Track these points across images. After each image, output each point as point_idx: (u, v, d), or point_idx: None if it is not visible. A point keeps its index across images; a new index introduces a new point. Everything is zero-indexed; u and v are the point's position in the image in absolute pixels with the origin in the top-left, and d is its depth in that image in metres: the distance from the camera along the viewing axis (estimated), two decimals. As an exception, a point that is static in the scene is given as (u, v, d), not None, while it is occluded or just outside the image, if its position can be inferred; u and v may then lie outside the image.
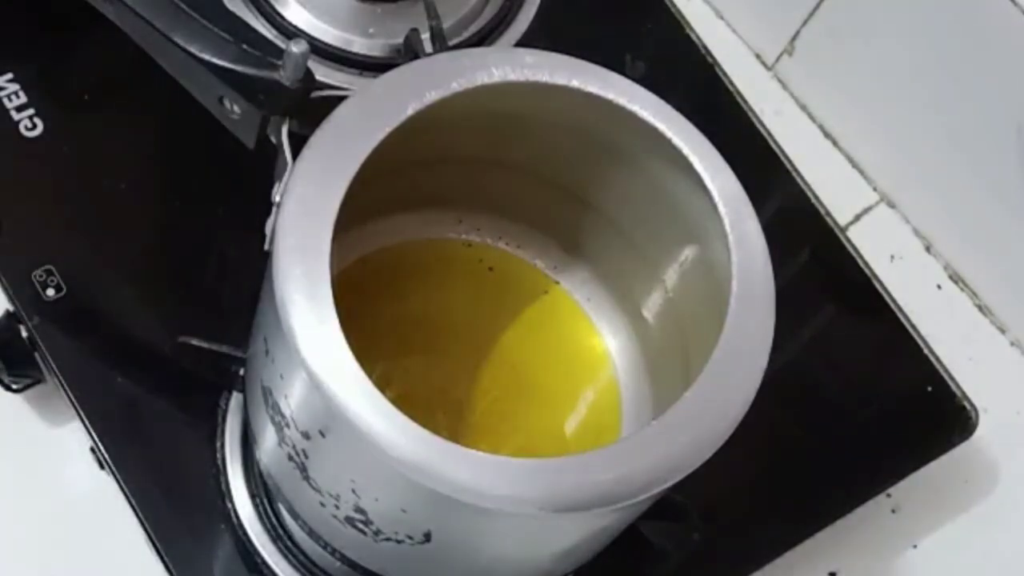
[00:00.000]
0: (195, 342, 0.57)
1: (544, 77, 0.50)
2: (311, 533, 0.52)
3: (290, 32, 0.62)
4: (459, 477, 0.41)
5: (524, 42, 0.66)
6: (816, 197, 0.70)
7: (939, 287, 0.74)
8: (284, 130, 0.51)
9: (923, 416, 0.66)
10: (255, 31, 0.53)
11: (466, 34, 0.65)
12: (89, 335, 0.59)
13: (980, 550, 0.67)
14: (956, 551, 0.67)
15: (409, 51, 0.61)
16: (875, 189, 0.75)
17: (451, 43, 0.63)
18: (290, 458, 0.47)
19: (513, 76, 0.49)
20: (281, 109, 0.51)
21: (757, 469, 0.62)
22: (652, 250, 0.56)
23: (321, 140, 0.47)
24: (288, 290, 0.43)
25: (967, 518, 0.68)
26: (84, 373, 0.58)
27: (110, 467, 0.57)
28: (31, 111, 0.62)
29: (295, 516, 0.52)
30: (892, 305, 0.68)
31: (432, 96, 0.48)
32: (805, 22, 0.74)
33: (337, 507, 0.47)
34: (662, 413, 0.45)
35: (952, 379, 0.67)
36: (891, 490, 0.66)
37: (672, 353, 0.56)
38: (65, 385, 0.57)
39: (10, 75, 0.63)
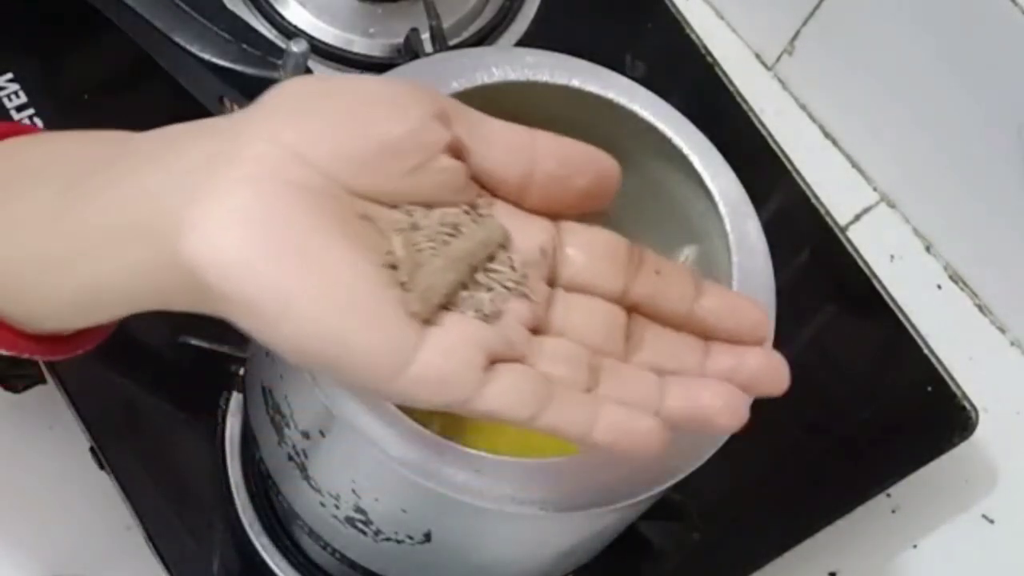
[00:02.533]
0: (195, 342, 0.57)
1: (544, 77, 0.50)
2: (311, 533, 0.52)
3: (290, 32, 0.62)
4: (459, 477, 0.41)
5: (524, 42, 0.66)
6: (816, 197, 0.70)
7: (939, 287, 0.74)
8: (284, 130, 0.51)
9: (923, 416, 0.66)
10: (255, 31, 0.53)
11: (466, 34, 0.65)
12: (89, 335, 0.59)
13: (980, 550, 0.67)
14: (956, 551, 0.67)
15: (409, 51, 0.61)
16: (875, 189, 0.75)
17: (451, 43, 0.63)
18: (290, 458, 0.47)
19: (513, 76, 0.49)
20: (281, 109, 0.51)
21: (757, 469, 0.62)
22: (652, 250, 0.56)
23: (321, 140, 0.47)
24: (288, 290, 0.43)
25: (967, 518, 0.68)
26: (83, 373, 0.58)
27: (110, 467, 0.57)
28: (31, 111, 0.62)
29: (295, 516, 0.52)
30: (892, 305, 0.68)
31: (432, 96, 0.48)
32: (805, 22, 0.74)
33: (337, 507, 0.47)
34: (662, 413, 0.45)
35: (952, 379, 0.67)
36: (891, 490, 0.66)
37: (672, 353, 0.56)
38: (64, 385, 0.57)
39: (10, 75, 0.63)
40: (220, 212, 0.33)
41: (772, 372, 0.39)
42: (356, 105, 0.36)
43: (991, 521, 0.68)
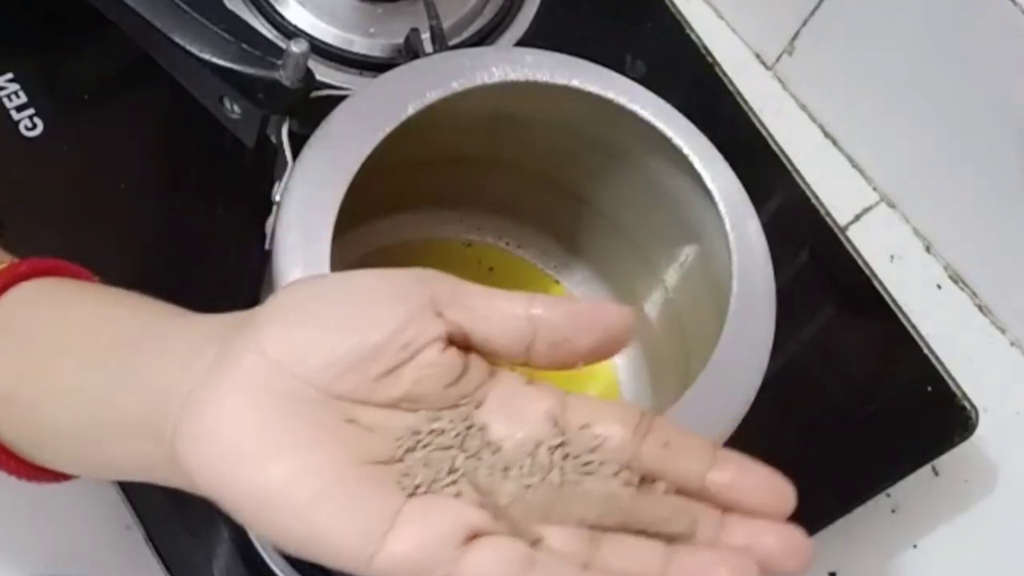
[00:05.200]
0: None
1: (544, 77, 0.50)
2: (311, 533, 0.52)
3: (290, 32, 0.62)
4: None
5: (524, 42, 0.66)
6: (816, 197, 0.70)
7: (939, 287, 0.74)
8: (284, 130, 0.51)
9: (923, 416, 0.66)
10: (255, 31, 0.53)
11: (466, 34, 0.65)
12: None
13: (980, 550, 0.67)
14: (956, 551, 0.67)
15: (409, 51, 0.61)
16: (875, 189, 0.75)
17: (451, 43, 0.63)
18: (290, 458, 0.47)
19: (513, 76, 0.50)
20: (281, 109, 0.51)
21: (757, 469, 0.62)
22: (652, 250, 0.57)
23: (321, 140, 0.47)
24: (288, 290, 0.43)
25: (967, 518, 0.68)
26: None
27: (110, 467, 0.57)
28: (31, 111, 0.62)
29: (295, 516, 0.52)
30: (892, 305, 0.68)
31: (432, 96, 0.48)
32: (805, 22, 0.74)
33: (337, 507, 0.47)
34: (662, 413, 0.45)
35: (952, 379, 0.67)
36: (891, 490, 0.66)
37: (672, 353, 0.56)
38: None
39: (10, 75, 0.63)
40: (207, 422, 0.36)
41: (790, 552, 0.36)
42: (344, 310, 0.37)
43: (991, 521, 0.68)
